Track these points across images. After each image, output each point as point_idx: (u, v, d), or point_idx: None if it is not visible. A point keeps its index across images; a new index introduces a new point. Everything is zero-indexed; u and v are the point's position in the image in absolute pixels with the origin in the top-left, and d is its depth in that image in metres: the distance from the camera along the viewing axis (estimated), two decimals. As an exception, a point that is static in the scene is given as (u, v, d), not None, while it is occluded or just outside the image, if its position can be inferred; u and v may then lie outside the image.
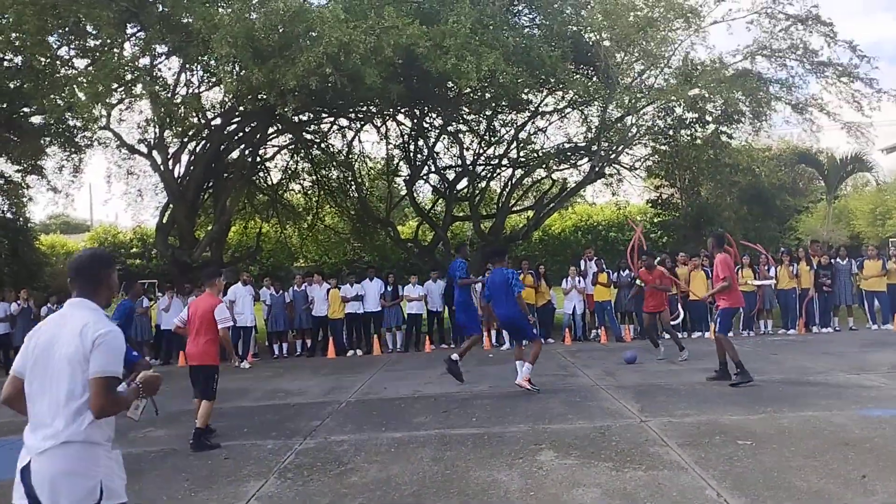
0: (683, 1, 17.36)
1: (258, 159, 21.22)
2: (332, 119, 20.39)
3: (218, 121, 18.48)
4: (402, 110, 19.29)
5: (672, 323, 15.26)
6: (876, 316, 15.71)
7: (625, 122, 19.41)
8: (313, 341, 16.15)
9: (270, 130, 19.65)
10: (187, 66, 16.70)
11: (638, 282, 13.26)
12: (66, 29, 14.65)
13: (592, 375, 10.75)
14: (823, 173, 25.13)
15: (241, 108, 16.85)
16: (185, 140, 18.07)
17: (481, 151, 21.73)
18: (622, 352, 12.70)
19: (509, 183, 22.21)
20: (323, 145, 21.79)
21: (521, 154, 21.42)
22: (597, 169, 19.98)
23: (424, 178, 22.57)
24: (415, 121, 20.30)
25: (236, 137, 18.93)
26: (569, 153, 21.21)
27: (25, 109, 16.39)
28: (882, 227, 31.83)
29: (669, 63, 18.58)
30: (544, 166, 21.38)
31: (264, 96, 14.14)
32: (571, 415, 7.98)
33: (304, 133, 20.84)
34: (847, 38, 17.53)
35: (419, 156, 21.62)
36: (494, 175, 22.92)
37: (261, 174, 22.22)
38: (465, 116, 19.88)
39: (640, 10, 17.06)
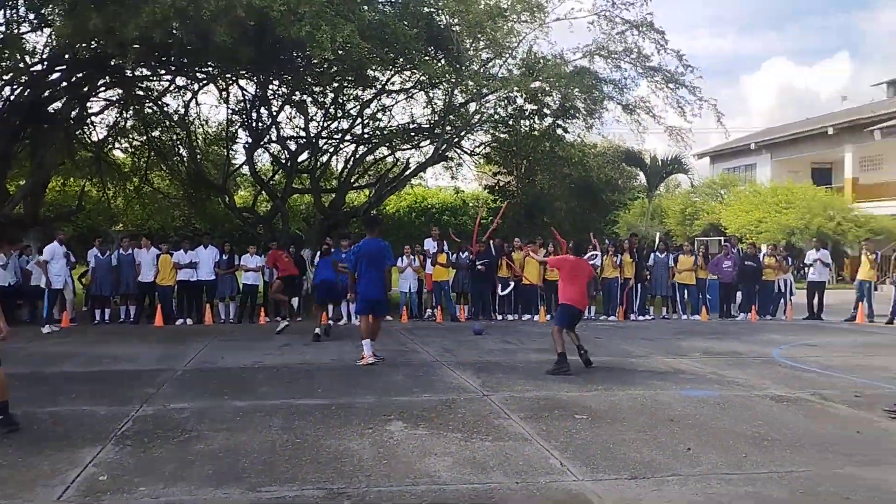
0: (530, -6, 17.92)
1: (84, 113, 19.75)
2: (170, 77, 19.33)
3: (40, 66, 16.99)
4: (247, 75, 18.62)
5: (501, 294, 15.97)
6: (686, 307, 17.07)
7: (468, 107, 19.84)
8: (138, 308, 15.35)
9: (100, 82, 18.34)
10: (9, 3, 15.21)
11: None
12: None
13: (432, 352, 10.97)
14: (646, 172, 26.87)
15: (70, 56, 15.59)
16: (1, 84, 16.48)
17: (325, 125, 21.40)
18: (458, 329, 13.05)
19: (352, 158, 22.08)
20: (158, 103, 20.60)
21: (366, 131, 21.32)
22: (439, 151, 20.30)
23: (265, 146, 21.94)
24: (259, 87, 19.66)
25: (60, 86, 17.50)
26: (413, 133, 21.36)
27: None
28: (690, 226, 34.55)
29: (514, 54, 19.17)
30: (388, 145, 21.44)
31: (101, 45, 13.18)
32: (416, 388, 8.12)
33: (136, 89, 19.62)
34: (675, 48, 18.81)
35: (260, 123, 20.99)
36: (337, 150, 22.70)
37: (85, 128, 20.71)
38: (311, 87, 19.48)
39: (490, -1, 17.44)
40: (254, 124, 20.75)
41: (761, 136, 39.57)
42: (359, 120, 21.07)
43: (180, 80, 19.61)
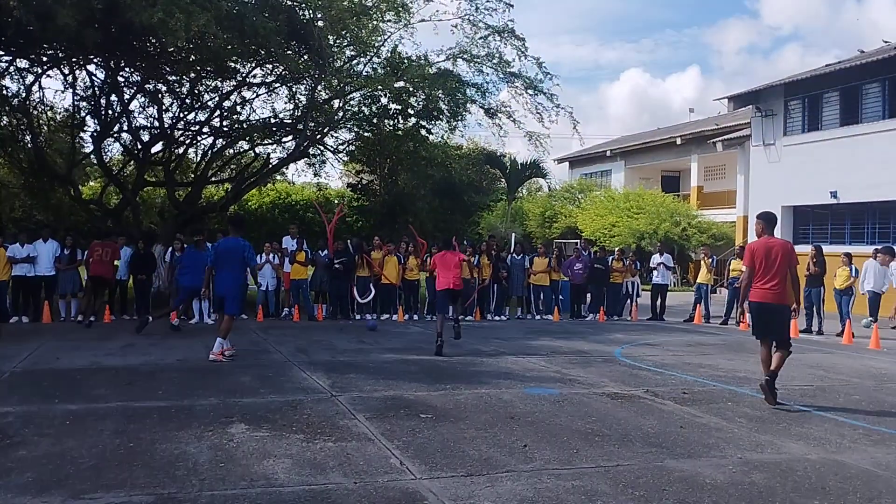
0: (396, -6, 18.00)
1: None
2: (8, 58, 18.05)
3: None
4: (96, 60, 17.67)
5: (363, 301, 15.92)
6: (539, 307, 17.62)
7: (332, 104, 19.70)
8: (-32, 306, 14.26)
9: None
10: None
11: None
12: None
13: (285, 352, 10.81)
14: (506, 175, 27.54)
15: None
16: None
17: (182, 115, 20.65)
18: (314, 328, 12.92)
19: (209, 152, 21.41)
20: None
21: (225, 123, 20.72)
22: (301, 148, 20.03)
23: (115, 136, 20.90)
24: (109, 73, 18.69)
25: None
26: (274, 128, 20.98)
27: None
28: (549, 229, 35.70)
29: (379, 53, 19.18)
30: (248, 139, 20.95)
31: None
32: (264, 389, 7.98)
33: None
34: (535, 55, 19.42)
35: (110, 112, 19.97)
36: (194, 142, 21.96)
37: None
38: (166, 76, 18.73)
39: (355, -5, 17.37)
40: (103, 112, 19.72)
41: (616, 143, 41.39)
42: (217, 112, 20.47)
43: (21, 62, 18.35)
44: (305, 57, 17.57)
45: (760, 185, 23.99)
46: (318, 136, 20.80)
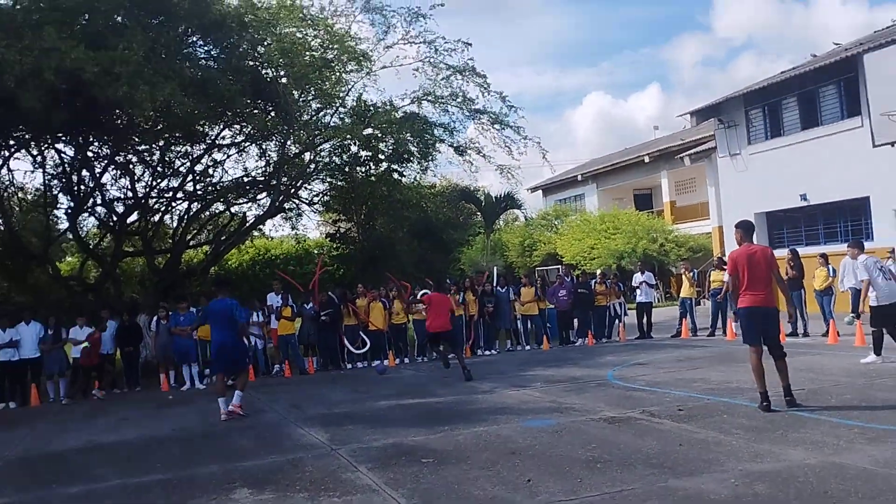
0: (356, 45, 18.32)
1: None
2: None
3: None
4: (64, 138, 17.74)
5: (357, 351, 15.93)
6: (530, 337, 17.69)
7: (303, 157, 19.86)
8: (-46, 395, 14.07)
9: None
10: None
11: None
12: None
13: (280, 409, 10.78)
14: (482, 210, 27.72)
15: None
16: None
17: (154, 183, 20.70)
18: (307, 382, 12.88)
19: (185, 216, 21.44)
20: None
21: (198, 187, 20.80)
22: (276, 203, 20.11)
23: (89, 210, 20.89)
24: (78, 149, 18.74)
25: None
26: (248, 187, 21.08)
27: None
28: (529, 257, 35.88)
29: (344, 103, 19.43)
30: (222, 200, 21.01)
31: None
32: (263, 450, 7.95)
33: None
34: (498, 90, 19.76)
35: (83, 187, 19.97)
36: (169, 208, 21.97)
37: None
38: (136, 147, 18.81)
39: (315, 50, 17.65)
40: (75, 188, 19.72)
41: (586, 167, 41.82)
42: (190, 176, 20.56)
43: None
44: (272, 114, 17.76)
45: (731, 195, 24.34)
46: (292, 190, 20.92)
